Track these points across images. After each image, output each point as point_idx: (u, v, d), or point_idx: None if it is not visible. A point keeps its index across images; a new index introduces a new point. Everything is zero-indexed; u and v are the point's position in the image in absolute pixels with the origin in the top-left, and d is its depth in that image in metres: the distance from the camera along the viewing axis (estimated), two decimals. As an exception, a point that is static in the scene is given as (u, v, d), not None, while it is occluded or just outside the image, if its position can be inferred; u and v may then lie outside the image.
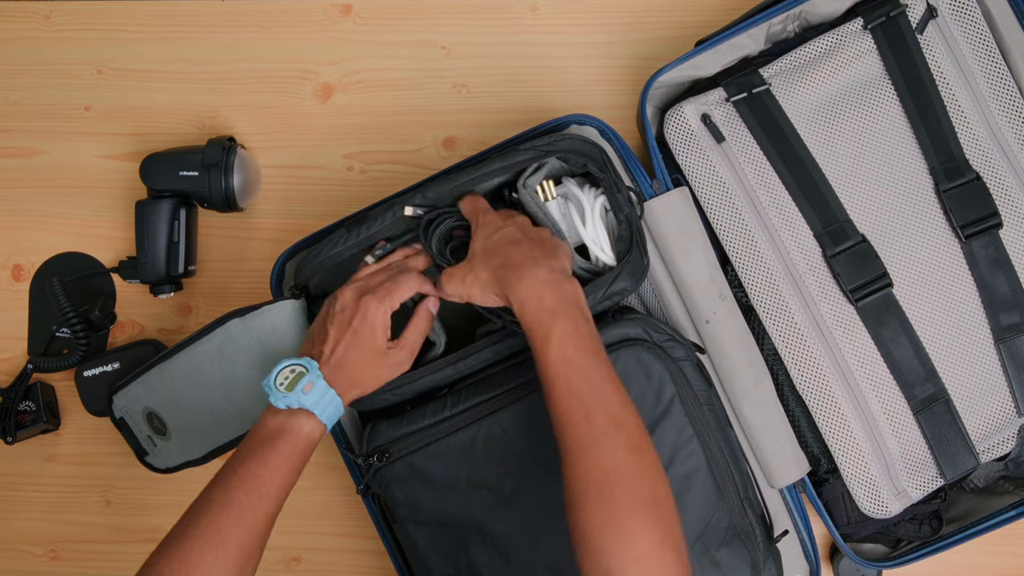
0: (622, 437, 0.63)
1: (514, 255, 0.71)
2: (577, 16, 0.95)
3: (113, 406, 0.86)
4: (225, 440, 0.82)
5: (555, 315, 0.67)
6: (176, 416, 0.83)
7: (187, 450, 0.84)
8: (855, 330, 0.80)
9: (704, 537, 0.75)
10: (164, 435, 0.84)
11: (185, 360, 0.82)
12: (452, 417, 0.76)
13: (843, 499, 0.83)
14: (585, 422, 0.63)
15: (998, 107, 0.81)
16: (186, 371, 0.82)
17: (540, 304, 0.68)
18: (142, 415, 0.85)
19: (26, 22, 0.98)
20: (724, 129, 0.82)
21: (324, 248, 0.81)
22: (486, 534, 0.76)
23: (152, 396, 0.84)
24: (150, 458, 0.86)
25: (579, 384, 0.65)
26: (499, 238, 0.73)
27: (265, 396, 0.71)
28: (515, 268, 0.70)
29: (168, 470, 0.86)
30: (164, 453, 0.85)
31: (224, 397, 0.81)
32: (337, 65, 0.96)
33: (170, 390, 0.83)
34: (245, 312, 0.80)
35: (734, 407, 0.83)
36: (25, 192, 0.97)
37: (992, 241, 0.80)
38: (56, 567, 0.95)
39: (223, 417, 0.82)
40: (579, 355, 0.66)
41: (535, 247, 0.72)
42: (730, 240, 0.82)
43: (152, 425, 0.84)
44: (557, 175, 0.82)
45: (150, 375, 0.83)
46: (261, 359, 0.80)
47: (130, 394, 0.85)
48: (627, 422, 0.64)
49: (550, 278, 0.69)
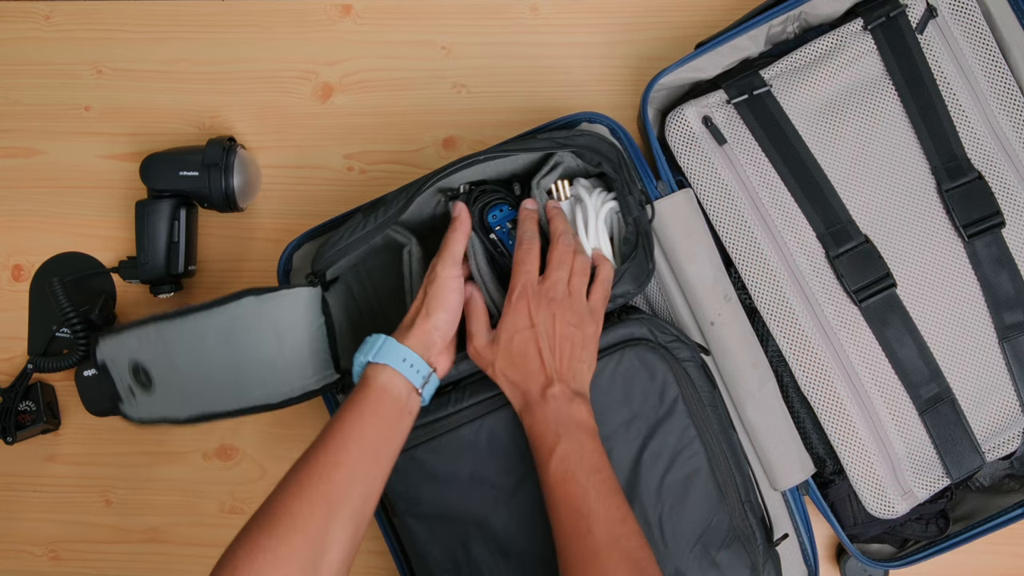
0: (618, 555, 0.65)
1: (531, 374, 0.72)
2: (577, 16, 0.95)
3: (97, 348, 0.82)
4: (215, 410, 0.81)
5: (559, 436, 0.69)
6: (166, 374, 0.82)
7: (169, 407, 0.82)
8: (859, 331, 0.80)
9: (704, 538, 0.75)
10: (148, 389, 0.82)
11: (191, 324, 0.80)
12: (456, 413, 0.76)
13: (849, 500, 0.83)
14: (587, 535, 0.66)
15: (999, 106, 0.81)
16: (189, 335, 0.80)
17: (545, 427, 0.70)
18: (127, 365, 0.82)
19: (26, 22, 0.98)
20: (725, 131, 0.82)
21: (343, 235, 0.81)
22: (486, 529, 0.76)
23: (144, 349, 0.82)
24: (125, 406, 0.83)
25: (578, 500, 0.67)
26: (521, 343, 0.72)
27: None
28: (525, 393, 0.72)
29: (142, 422, 0.83)
30: (143, 405, 0.83)
31: (224, 369, 0.80)
32: (337, 65, 0.96)
33: (166, 348, 0.81)
34: (262, 292, 0.79)
35: (738, 409, 0.82)
36: (25, 192, 0.97)
37: (995, 240, 0.80)
38: (56, 567, 0.95)
39: (219, 387, 0.80)
40: (580, 472, 0.68)
41: (557, 358, 0.72)
42: (733, 242, 0.82)
43: (136, 377, 0.82)
44: (571, 175, 0.82)
45: (147, 329, 0.81)
46: (269, 342, 0.80)
47: (120, 342, 0.82)
48: (624, 540, 0.66)
49: (559, 410, 0.70)
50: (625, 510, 0.68)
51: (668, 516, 0.75)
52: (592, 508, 0.66)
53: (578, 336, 0.72)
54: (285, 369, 0.80)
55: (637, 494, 0.74)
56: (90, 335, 0.91)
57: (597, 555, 0.65)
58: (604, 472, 0.69)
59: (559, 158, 0.79)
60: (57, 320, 0.94)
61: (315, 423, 0.93)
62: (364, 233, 0.80)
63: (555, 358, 0.72)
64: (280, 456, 0.95)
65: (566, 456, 0.68)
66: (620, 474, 0.74)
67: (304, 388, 0.81)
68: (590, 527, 0.66)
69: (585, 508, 0.66)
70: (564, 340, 0.72)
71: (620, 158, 0.78)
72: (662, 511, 0.75)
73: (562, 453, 0.68)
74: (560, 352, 0.72)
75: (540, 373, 0.71)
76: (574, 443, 0.69)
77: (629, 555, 0.65)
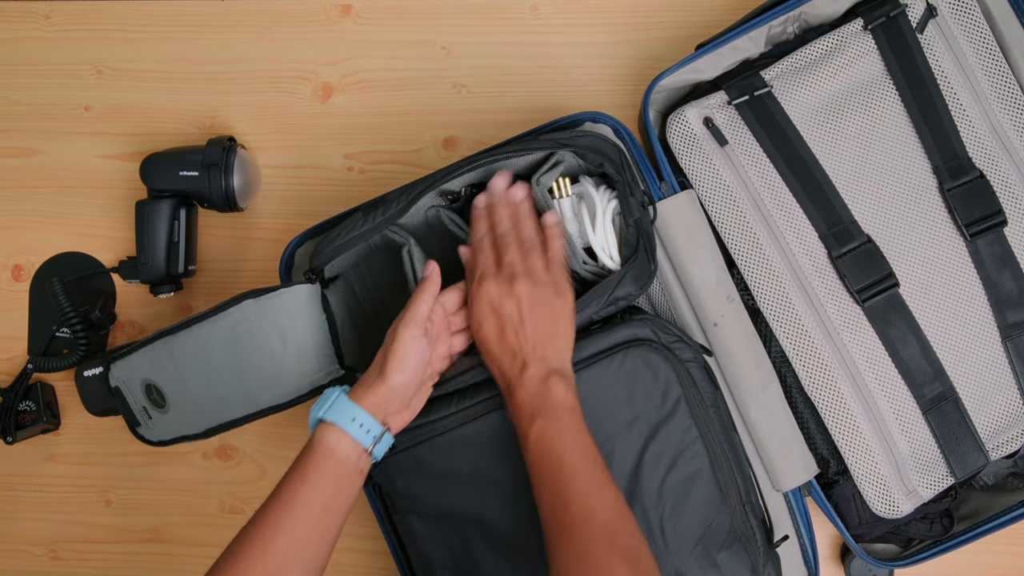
0: (597, 526, 0.64)
1: (506, 361, 0.72)
2: (577, 16, 0.95)
3: (110, 374, 0.84)
4: (228, 419, 0.82)
5: (534, 416, 0.69)
6: (178, 390, 0.83)
7: (185, 424, 0.83)
8: (862, 330, 0.80)
9: (705, 539, 0.75)
10: (162, 408, 0.83)
11: (195, 336, 0.81)
12: (457, 412, 0.76)
13: (854, 500, 0.83)
14: (564, 511, 0.65)
15: (1000, 105, 0.81)
16: (194, 347, 0.81)
17: (523, 409, 0.69)
18: (140, 386, 0.84)
19: (26, 22, 0.98)
20: (727, 132, 0.82)
21: (341, 233, 0.81)
22: (486, 528, 0.76)
23: (154, 368, 0.83)
24: (142, 429, 0.85)
25: (555, 476, 0.67)
26: (489, 332, 0.72)
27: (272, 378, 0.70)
28: (506, 379, 0.72)
29: (162, 443, 0.85)
30: (159, 426, 0.84)
31: (232, 377, 0.81)
32: (337, 65, 0.96)
33: (175, 364, 0.82)
34: (260, 293, 0.80)
35: (741, 410, 0.82)
36: (25, 192, 0.97)
37: (997, 239, 0.80)
38: (56, 567, 0.95)
39: (229, 396, 0.81)
40: (557, 447, 0.67)
41: (526, 340, 0.71)
42: (735, 243, 0.82)
43: (150, 397, 0.83)
44: (573, 174, 0.82)
45: (154, 347, 0.82)
46: (273, 342, 0.80)
47: (131, 364, 0.84)
48: (600, 511, 0.65)
49: (535, 391, 0.70)
50: (602, 479, 0.67)
51: (669, 517, 0.75)
52: (567, 482, 0.66)
53: (545, 313, 0.72)
54: (291, 367, 0.81)
55: (638, 494, 0.74)
56: (90, 335, 0.91)
57: (572, 529, 0.64)
58: (580, 445, 0.68)
59: (560, 156, 0.79)
60: (57, 320, 0.94)
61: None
62: (361, 232, 0.80)
63: (525, 340, 0.71)
64: (280, 456, 0.94)
65: (543, 434, 0.68)
66: (621, 474, 0.74)
67: (312, 384, 0.81)
68: (566, 502, 0.65)
69: (561, 483, 0.66)
70: (531, 320, 0.72)
71: (623, 159, 0.78)
72: (663, 512, 0.75)
73: (538, 431, 0.68)
74: (529, 333, 0.71)
75: (513, 358, 0.71)
76: (550, 420, 0.68)
77: (604, 526, 0.64)
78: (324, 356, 0.82)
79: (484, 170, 0.79)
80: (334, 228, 0.82)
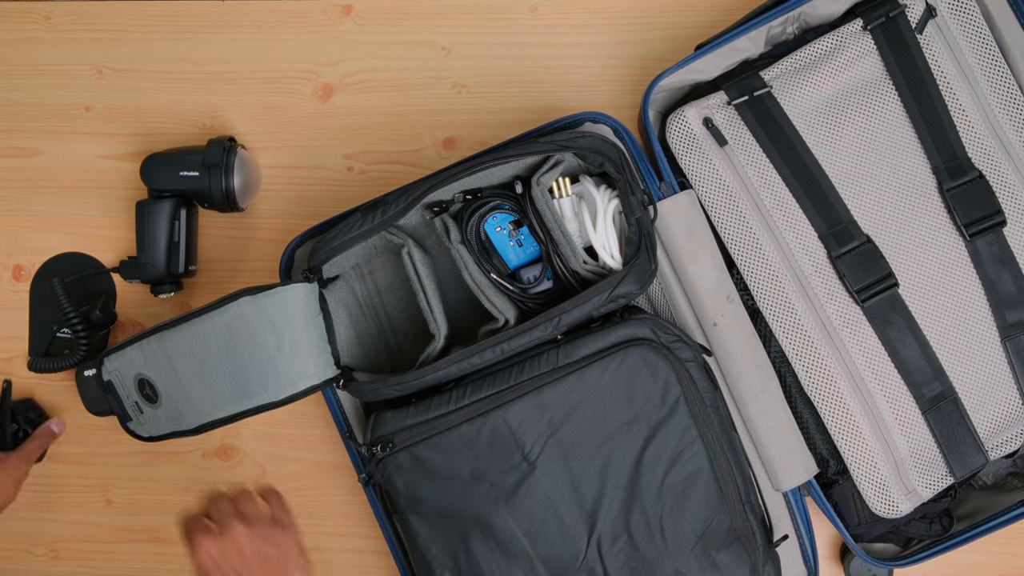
0: None
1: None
2: (577, 16, 0.95)
3: (103, 368, 0.84)
4: (221, 415, 0.81)
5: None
6: (171, 385, 0.82)
7: (176, 420, 0.83)
8: (862, 331, 0.80)
9: (705, 539, 0.75)
10: (154, 403, 0.83)
11: (191, 331, 0.81)
12: (457, 410, 0.76)
13: (853, 500, 0.83)
14: None
15: (999, 105, 0.81)
16: (190, 342, 0.81)
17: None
18: (133, 380, 0.83)
19: (26, 22, 0.98)
20: (726, 132, 0.82)
21: (340, 232, 0.81)
22: (486, 528, 0.76)
23: (148, 363, 0.82)
24: (133, 424, 0.85)
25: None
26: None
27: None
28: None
29: (152, 439, 0.85)
30: (151, 421, 0.84)
31: (226, 373, 0.80)
32: (337, 65, 0.96)
33: (169, 359, 0.82)
34: (257, 291, 0.80)
35: (741, 410, 0.83)
36: (25, 192, 0.97)
37: (996, 239, 0.80)
38: (56, 567, 0.95)
39: (222, 393, 0.81)
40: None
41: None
42: (734, 243, 0.82)
43: (142, 392, 0.83)
44: (573, 173, 0.82)
45: (149, 341, 0.82)
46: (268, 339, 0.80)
47: (124, 358, 0.83)
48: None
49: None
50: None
51: (668, 516, 0.75)
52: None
53: (272, 552, 0.71)
54: (285, 365, 0.80)
55: (638, 494, 0.75)
56: (91, 335, 0.91)
57: None
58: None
59: (560, 156, 0.80)
60: (57, 320, 0.94)
61: (315, 423, 0.93)
62: (359, 232, 0.80)
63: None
64: (280, 456, 0.95)
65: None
66: (621, 474, 0.75)
67: (306, 383, 0.81)
68: None
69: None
70: (259, 563, 0.70)
71: (623, 159, 0.78)
72: (663, 511, 0.75)
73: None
74: None
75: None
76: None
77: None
78: (320, 356, 0.82)
79: (485, 173, 0.79)
80: (332, 228, 0.82)
